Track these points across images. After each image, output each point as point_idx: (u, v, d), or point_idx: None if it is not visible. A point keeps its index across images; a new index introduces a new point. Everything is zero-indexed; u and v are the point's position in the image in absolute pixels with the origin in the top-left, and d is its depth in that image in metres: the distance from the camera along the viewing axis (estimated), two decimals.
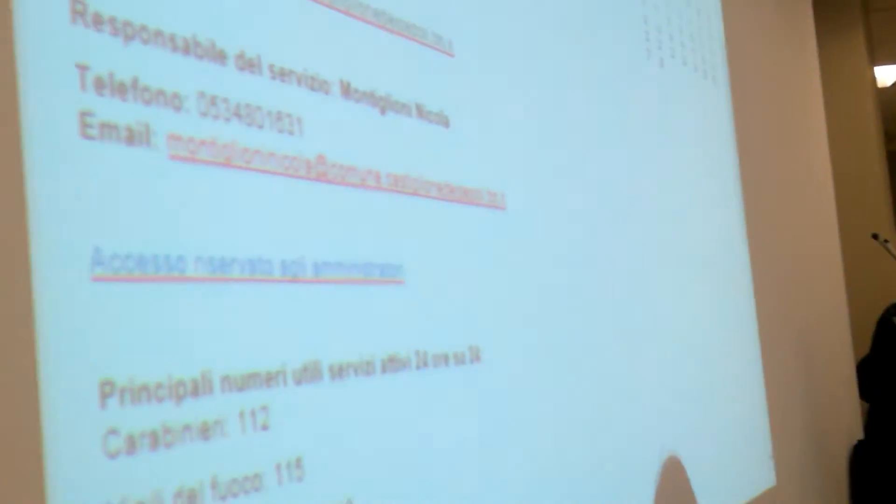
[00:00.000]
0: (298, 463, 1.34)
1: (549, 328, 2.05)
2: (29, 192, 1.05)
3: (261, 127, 1.38)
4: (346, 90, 1.57)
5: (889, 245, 4.95)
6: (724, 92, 3.40)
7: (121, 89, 1.18)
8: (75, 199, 1.10)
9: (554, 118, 2.21)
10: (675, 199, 2.85)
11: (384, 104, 1.65)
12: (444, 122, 1.80)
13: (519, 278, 1.96)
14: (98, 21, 1.16)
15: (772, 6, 4.46)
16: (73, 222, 1.10)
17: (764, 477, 3.27)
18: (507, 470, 1.82)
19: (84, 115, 1.13)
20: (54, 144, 1.09)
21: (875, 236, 4.93)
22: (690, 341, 2.79)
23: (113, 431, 1.10)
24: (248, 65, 1.38)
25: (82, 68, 1.14)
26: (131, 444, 1.11)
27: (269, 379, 1.31)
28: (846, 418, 4.94)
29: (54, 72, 1.10)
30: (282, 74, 1.44)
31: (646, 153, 2.69)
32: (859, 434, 5.07)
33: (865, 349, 4.76)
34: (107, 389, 1.10)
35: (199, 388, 1.21)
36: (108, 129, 1.15)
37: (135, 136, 1.18)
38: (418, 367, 1.61)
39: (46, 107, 1.09)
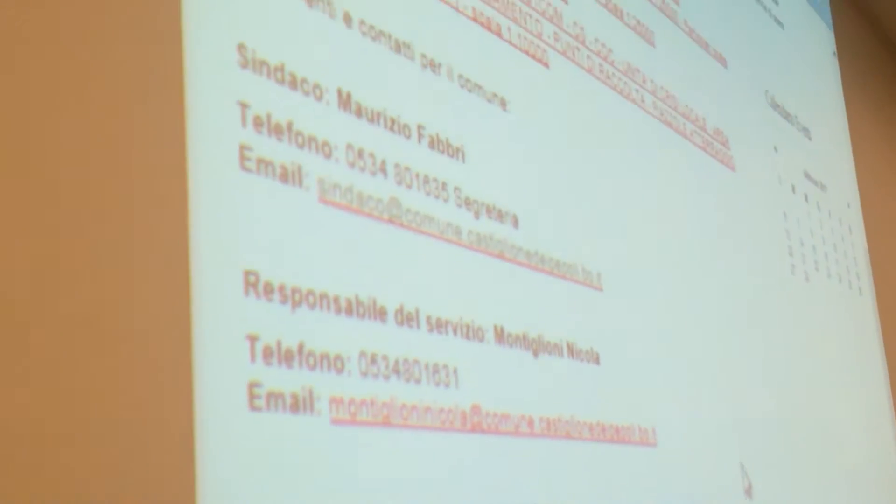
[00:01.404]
0: None
1: None
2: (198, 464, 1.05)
3: (418, 381, 1.37)
4: (500, 335, 1.55)
5: None
6: (870, 302, 3.30)
7: (287, 357, 1.18)
8: (241, 469, 1.10)
9: (700, 347, 2.16)
10: (827, 415, 2.73)
11: (536, 346, 1.63)
12: (595, 359, 1.77)
13: None
14: (269, 290, 1.18)
15: None
16: None
17: None
18: None
19: (252, 385, 1.13)
20: (225, 420, 1.09)
21: None
22: None
23: None
24: (407, 319, 1.38)
25: (252, 339, 1.15)
26: None
27: None
28: None
29: (227, 345, 1.12)
30: (438, 325, 1.43)
31: (796, 372, 2.60)
32: None
33: None
34: None
35: None
36: (274, 398, 1.15)
37: (299, 404, 1.18)
38: None
39: (218, 380, 1.10)
